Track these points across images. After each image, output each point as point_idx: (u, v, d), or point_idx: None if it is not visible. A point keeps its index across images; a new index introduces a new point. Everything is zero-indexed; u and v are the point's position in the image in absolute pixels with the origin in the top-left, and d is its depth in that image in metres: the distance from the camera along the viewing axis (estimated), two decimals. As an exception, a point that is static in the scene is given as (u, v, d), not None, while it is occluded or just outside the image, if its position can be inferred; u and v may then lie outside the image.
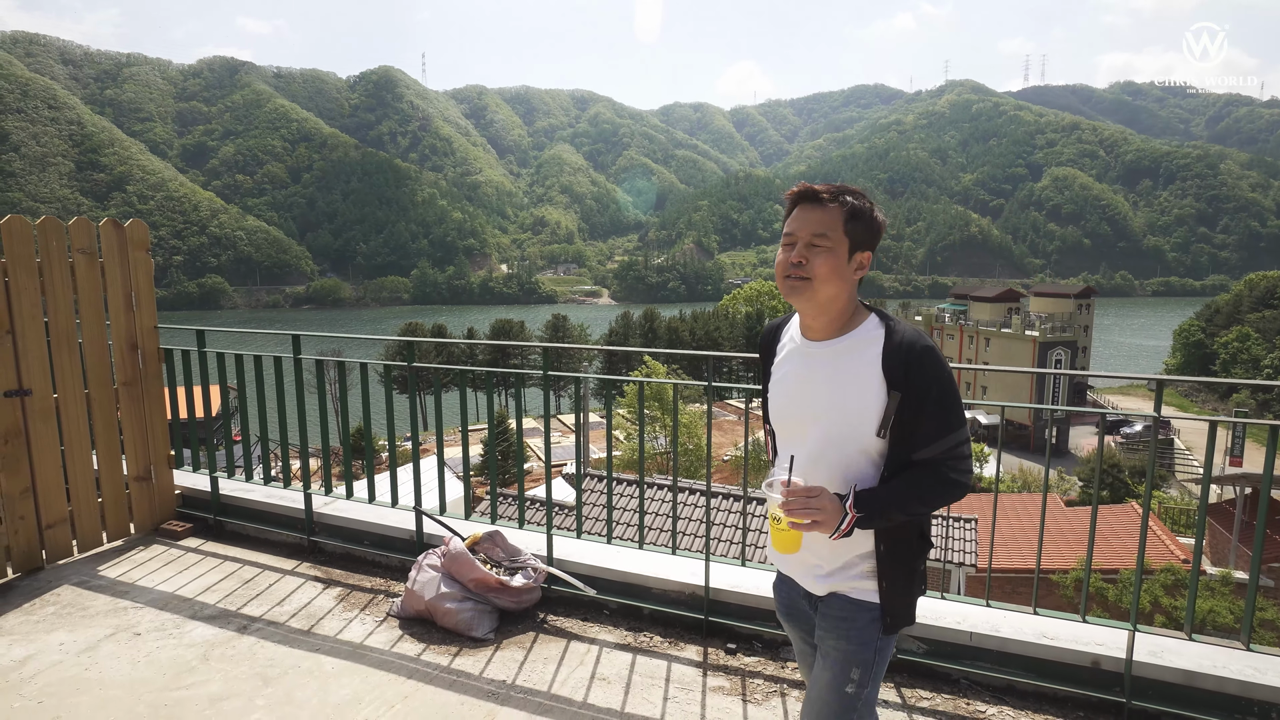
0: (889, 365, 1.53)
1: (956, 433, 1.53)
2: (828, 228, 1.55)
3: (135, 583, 3.65)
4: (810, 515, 1.49)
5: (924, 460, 1.54)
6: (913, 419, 1.53)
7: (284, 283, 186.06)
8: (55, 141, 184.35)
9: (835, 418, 1.58)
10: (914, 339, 1.53)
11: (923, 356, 1.51)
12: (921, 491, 1.53)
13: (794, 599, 1.78)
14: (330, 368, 4.13)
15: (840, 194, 1.56)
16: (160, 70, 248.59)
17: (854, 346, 1.59)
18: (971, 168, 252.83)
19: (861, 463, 1.58)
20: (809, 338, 1.65)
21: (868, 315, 1.63)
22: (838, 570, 1.65)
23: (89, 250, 3.86)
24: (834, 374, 1.59)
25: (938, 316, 58.74)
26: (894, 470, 1.56)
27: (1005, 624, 2.77)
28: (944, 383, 1.53)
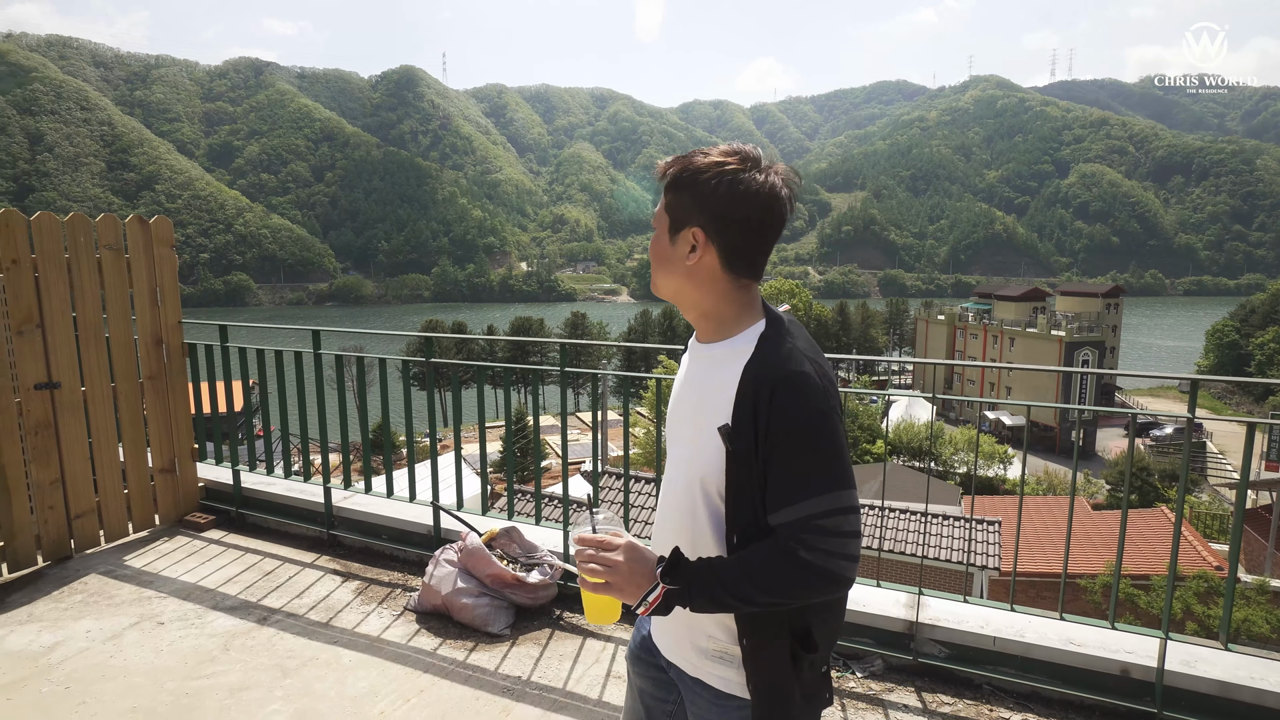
0: (741, 394, 1.13)
1: (820, 498, 1.08)
2: (659, 209, 1.27)
3: (159, 573, 3.71)
4: (602, 574, 1.15)
5: (776, 529, 1.12)
6: (762, 470, 1.12)
7: (308, 280, 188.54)
8: (87, 142, 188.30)
9: (692, 448, 1.22)
10: (779, 362, 1.12)
11: (778, 389, 1.09)
12: (761, 573, 1.09)
13: (650, 642, 1.40)
14: (350, 363, 4.15)
15: (669, 166, 1.24)
16: (187, 71, 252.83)
17: (725, 355, 1.21)
18: (996, 164, 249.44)
19: (709, 520, 1.20)
20: (697, 339, 1.33)
21: (756, 321, 1.23)
22: (686, 638, 1.27)
23: (115, 246, 3.91)
24: (699, 389, 1.25)
25: (961, 315, 58.07)
26: (743, 534, 1.15)
27: (1030, 629, 2.71)
28: (804, 427, 1.09)
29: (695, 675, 1.27)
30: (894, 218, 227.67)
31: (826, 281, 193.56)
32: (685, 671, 1.29)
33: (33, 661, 2.90)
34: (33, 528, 3.68)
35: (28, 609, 3.33)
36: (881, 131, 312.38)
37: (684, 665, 1.28)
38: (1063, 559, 2.72)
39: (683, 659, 1.28)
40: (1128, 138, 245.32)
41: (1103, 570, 13.07)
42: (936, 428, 31.56)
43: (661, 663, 1.36)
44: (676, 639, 1.30)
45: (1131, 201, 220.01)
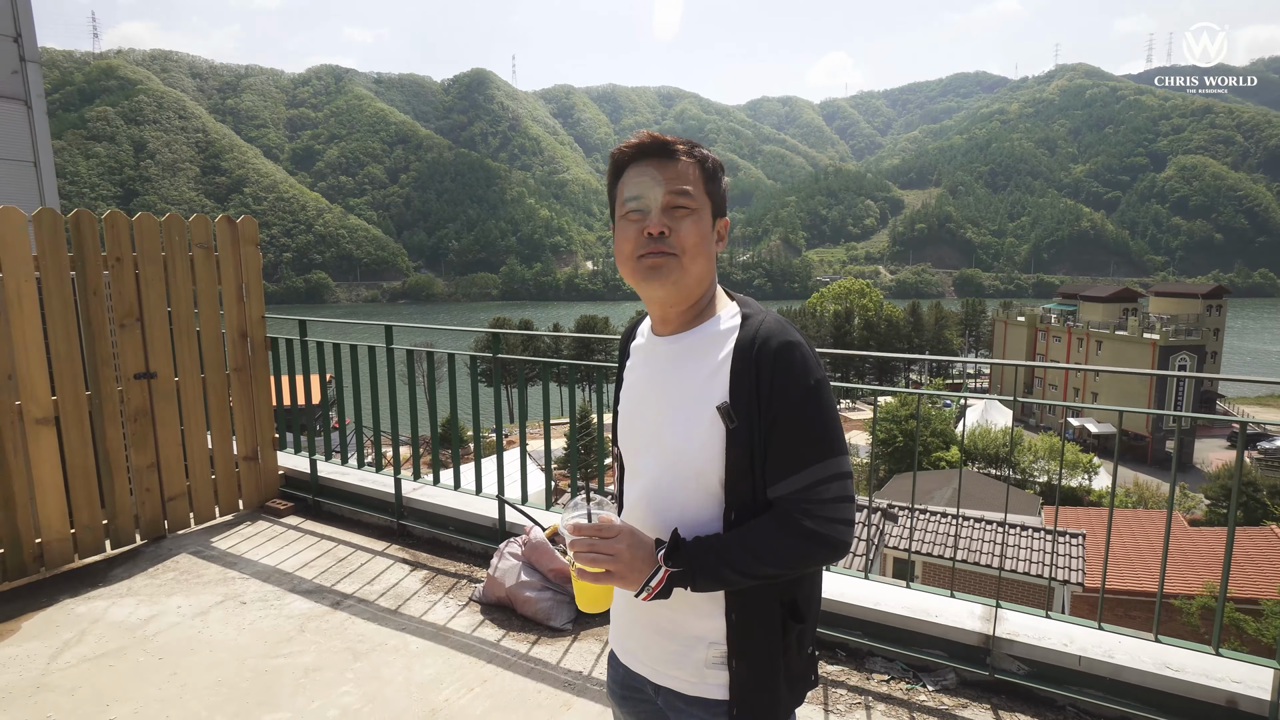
0: (738, 368, 1.13)
1: (820, 465, 1.10)
2: (688, 183, 1.17)
3: (242, 555, 3.89)
4: (603, 563, 1.09)
5: (776, 501, 1.13)
6: (763, 443, 1.12)
7: (382, 278, 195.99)
8: (184, 148, 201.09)
9: (677, 435, 1.17)
10: (772, 332, 1.13)
11: (779, 356, 1.10)
12: (761, 544, 1.09)
13: (633, 681, 1.33)
14: (421, 359, 4.26)
15: (693, 146, 1.20)
16: (274, 80, 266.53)
17: (703, 341, 1.19)
18: (1084, 158, 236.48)
19: (703, 500, 1.17)
20: (659, 333, 1.26)
21: (729, 303, 1.24)
22: (674, 653, 1.22)
23: (206, 245, 4.13)
24: (677, 378, 1.20)
25: (1043, 317, 55.33)
26: (742, 511, 1.14)
27: (1120, 650, 2.54)
28: (806, 394, 1.10)
29: (696, 694, 1.21)
30: (971, 215, 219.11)
31: (898, 281, 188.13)
32: (683, 693, 1.22)
33: (131, 633, 3.09)
34: (132, 508, 3.93)
35: (127, 583, 3.55)
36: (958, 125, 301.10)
37: (682, 687, 1.22)
38: (1158, 576, 2.53)
39: (679, 680, 1.22)
40: (1235, 126, 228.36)
41: (1201, 591, 12.19)
42: (1016, 434, 30.16)
43: (649, 693, 1.29)
44: (670, 661, 1.23)
45: (1238, 195, 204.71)
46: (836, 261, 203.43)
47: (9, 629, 3.13)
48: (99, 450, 3.76)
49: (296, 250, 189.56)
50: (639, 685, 1.31)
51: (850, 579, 3.08)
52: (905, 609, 2.83)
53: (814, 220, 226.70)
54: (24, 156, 4.78)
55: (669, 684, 1.24)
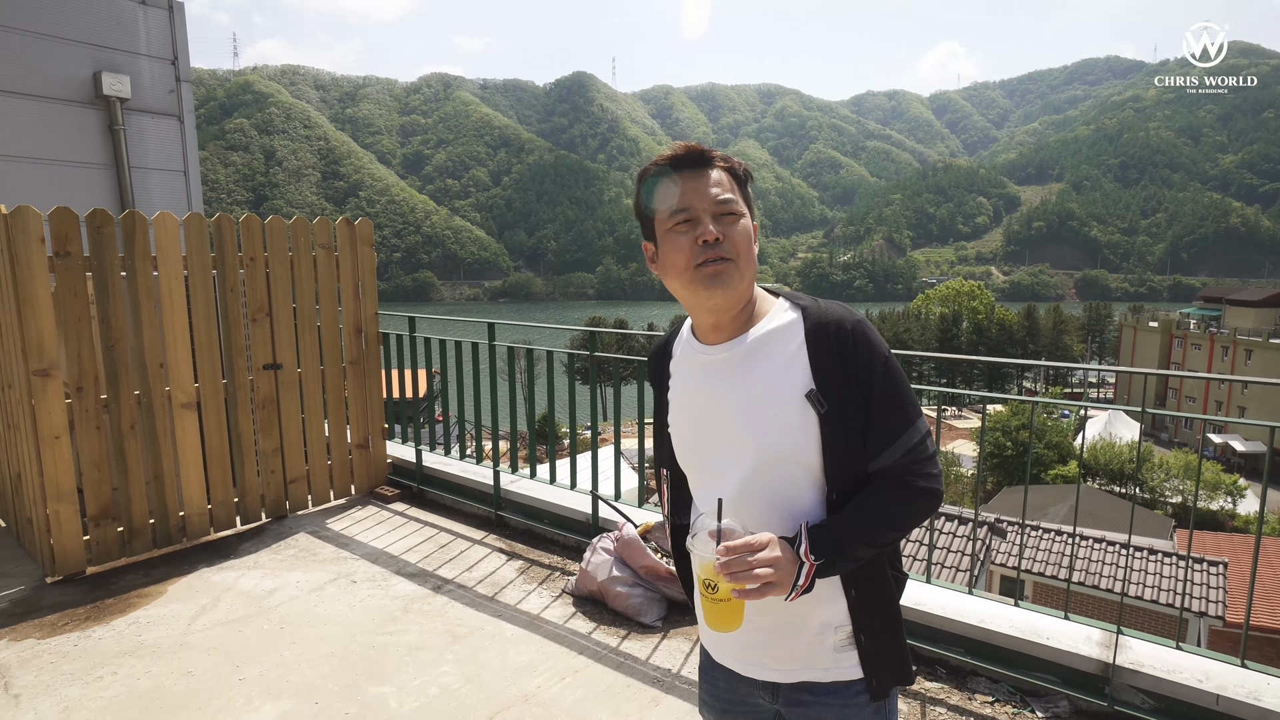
0: (817, 354, 1.16)
1: (912, 429, 1.16)
2: (728, 189, 1.18)
3: (354, 537, 4.16)
4: (760, 577, 1.06)
5: (882, 470, 1.17)
6: (860, 419, 1.15)
7: (483, 278, 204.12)
8: (308, 156, 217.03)
9: (766, 430, 1.17)
10: (841, 315, 1.17)
11: (856, 335, 1.15)
12: (889, 512, 1.15)
13: (741, 690, 1.31)
14: (520, 355, 4.40)
15: (725, 157, 1.21)
16: (388, 89, 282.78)
17: (768, 340, 1.20)
18: (1235, 147, 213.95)
19: (803, 489, 1.18)
20: (709, 342, 1.25)
21: (775, 301, 1.25)
22: (803, 647, 1.23)
23: (328, 245, 4.43)
24: (748, 379, 1.20)
25: (1180, 323, 50.56)
26: (842, 490, 1.17)
27: (1269, 692, 2.28)
28: (890, 365, 1.16)
29: (831, 679, 1.23)
30: (1097, 212, 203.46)
31: (1012, 283, 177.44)
32: (819, 682, 1.23)
33: (257, 602, 3.37)
34: (258, 488, 4.27)
35: (254, 557, 3.87)
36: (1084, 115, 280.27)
37: (816, 676, 1.23)
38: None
39: (813, 671, 1.23)
40: None
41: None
42: (1145, 449, 27.74)
43: (760, 700, 1.30)
44: (800, 656, 1.23)
45: None
46: (944, 262, 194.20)
47: (158, 590, 3.48)
48: (232, 434, 4.11)
49: (405, 250, 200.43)
50: (745, 695, 1.31)
51: (953, 593, 2.94)
52: (1013, 628, 2.67)
53: (920, 219, 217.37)
54: (176, 166, 5.29)
55: (802, 678, 1.24)
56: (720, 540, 1.09)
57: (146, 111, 5.11)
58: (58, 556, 3.53)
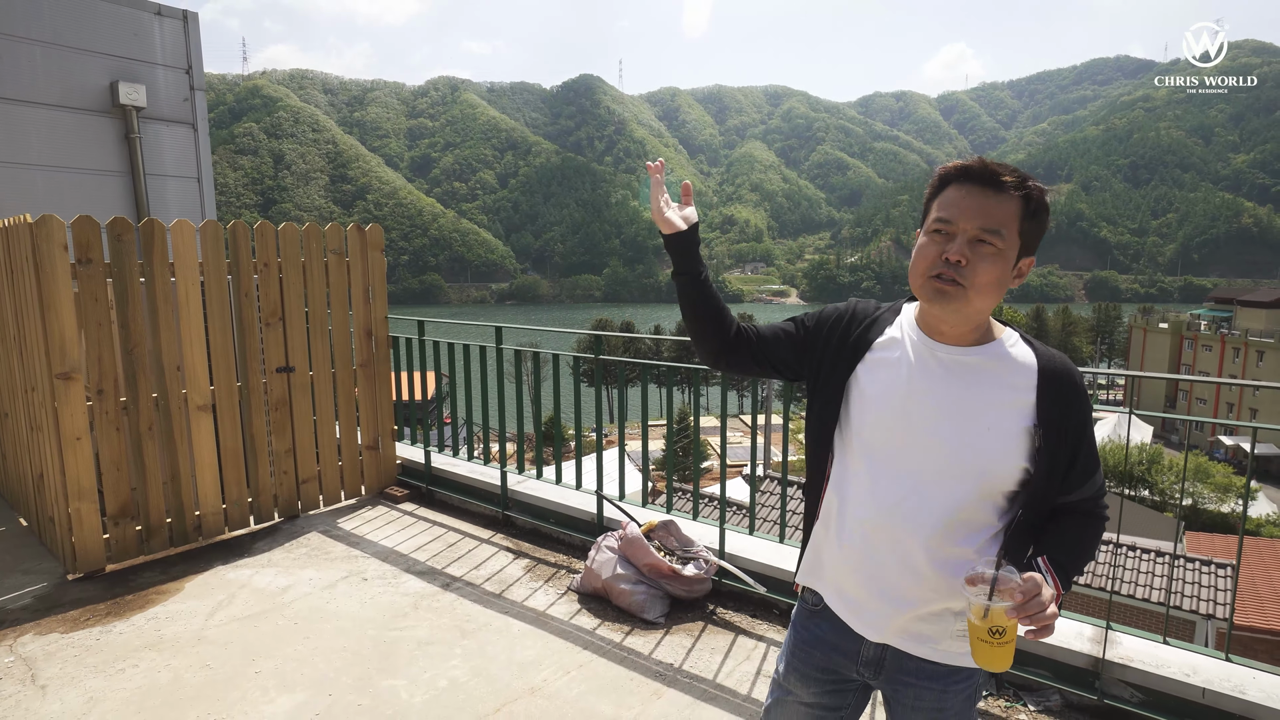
0: (1047, 395, 1.24)
1: (1099, 471, 1.32)
2: (1002, 224, 1.18)
3: (364, 536, 4.25)
4: (1050, 617, 1.11)
5: (1073, 504, 1.30)
6: (1070, 459, 1.26)
7: (490, 280, 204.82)
8: (316, 159, 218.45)
9: (971, 446, 1.23)
10: (1069, 366, 1.28)
11: (1080, 387, 1.27)
12: (1090, 542, 1.29)
13: (837, 661, 1.41)
14: (527, 358, 4.50)
15: (1024, 180, 1.20)
16: (396, 92, 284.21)
17: (1000, 363, 1.27)
18: (1247, 146, 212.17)
19: (986, 506, 1.26)
20: (937, 339, 1.29)
21: (1005, 329, 1.32)
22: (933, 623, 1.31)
23: (339, 250, 4.54)
24: (974, 391, 1.25)
25: (1190, 324, 50.23)
26: (1027, 517, 1.25)
27: (1254, 686, 2.35)
28: (1090, 419, 1.30)
29: (958, 664, 1.33)
30: (1106, 212, 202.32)
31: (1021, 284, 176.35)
32: (945, 664, 1.32)
33: (272, 599, 3.47)
34: (272, 488, 4.38)
35: (268, 555, 3.97)
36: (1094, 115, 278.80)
37: (949, 659, 1.32)
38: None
39: (948, 654, 1.32)
40: None
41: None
42: (1154, 451, 27.62)
43: (855, 674, 1.40)
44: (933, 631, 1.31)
45: None
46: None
47: (175, 588, 3.58)
48: (246, 435, 4.21)
49: (413, 253, 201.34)
50: (839, 666, 1.40)
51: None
52: (1007, 626, 2.73)
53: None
54: (190, 173, 5.42)
55: (925, 654, 1.32)
56: (995, 587, 1.13)
57: (161, 119, 5.24)
58: (79, 554, 3.64)
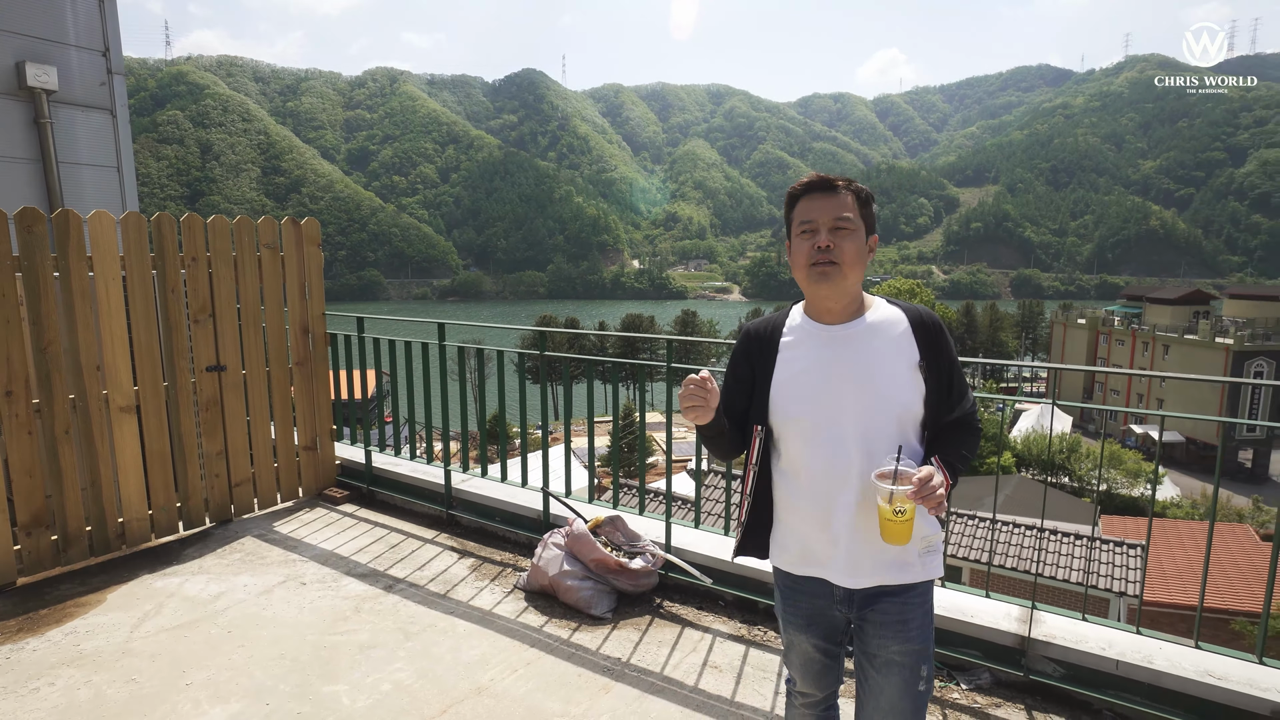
0: (922, 339, 1.62)
1: (969, 390, 1.71)
2: (847, 210, 1.59)
3: (302, 539, 4.12)
4: (941, 497, 1.46)
5: (956, 419, 1.66)
6: (948, 386, 1.64)
7: (432, 276, 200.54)
8: (246, 150, 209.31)
9: (884, 393, 1.59)
10: (930, 314, 1.65)
11: (943, 331, 1.65)
12: (971, 446, 1.65)
13: (820, 607, 1.72)
14: (470, 355, 4.43)
15: (850, 181, 1.62)
16: (331, 82, 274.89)
17: (882, 324, 1.64)
18: (1154, 153, 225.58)
19: (909, 433, 1.62)
20: (829, 322, 1.66)
21: (873, 299, 1.69)
22: (897, 553, 1.62)
23: (273, 245, 4.38)
24: (872, 352, 1.62)
25: (1105, 320, 53.15)
26: (930, 435, 1.64)
27: (1160, 656, 2.51)
28: (956, 350, 1.68)
29: (910, 581, 1.62)
30: (1030, 213, 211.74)
31: (952, 281, 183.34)
32: (900, 584, 1.62)
33: (203, 607, 3.33)
34: (202, 492, 4.20)
35: (199, 562, 3.81)
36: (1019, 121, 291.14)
37: (901, 578, 1.62)
38: (1222, 590, 2.50)
39: (896, 576, 1.62)
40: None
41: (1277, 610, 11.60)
42: (1073, 440, 29.15)
43: (836, 612, 1.69)
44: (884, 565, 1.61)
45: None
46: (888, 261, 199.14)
47: (97, 599, 3.40)
48: (174, 437, 4.03)
49: (350, 248, 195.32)
50: (824, 609, 1.71)
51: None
52: (940, 608, 2.85)
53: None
54: (109, 162, 5.12)
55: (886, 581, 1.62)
56: (897, 479, 1.49)
57: (75, 104, 4.94)
58: (-12, 566, 3.42)
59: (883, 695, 1.64)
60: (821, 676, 1.79)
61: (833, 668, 1.79)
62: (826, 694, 1.84)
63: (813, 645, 1.75)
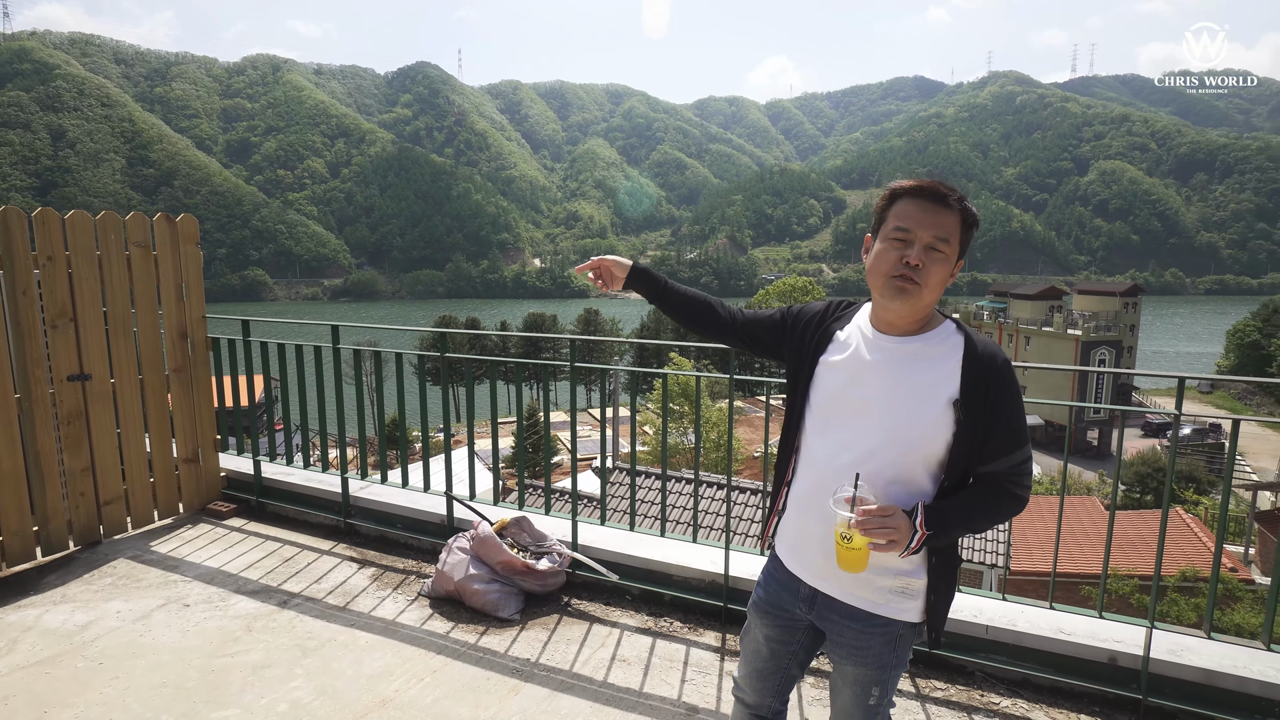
0: (970, 375, 1.46)
1: (1025, 448, 1.49)
2: (949, 233, 1.45)
3: (184, 558, 3.86)
4: (887, 536, 1.39)
5: (989, 475, 1.49)
6: (986, 433, 1.46)
7: (323, 275, 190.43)
8: (108, 138, 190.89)
9: (904, 419, 1.47)
10: (995, 351, 1.48)
11: (1003, 371, 1.47)
12: (987, 507, 1.48)
13: (785, 598, 1.68)
14: (367, 358, 4.29)
15: (962, 198, 1.47)
16: (206, 68, 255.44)
17: (934, 349, 1.50)
18: (1014, 162, 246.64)
19: (919, 472, 1.49)
20: (884, 331, 1.55)
21: (944, 321, 1.55)
22: (863, 579, 1.55)
23: (144, 243, 4.06)
24: (910, 373, 1.49)
25: (976, 314, 57.57)
26: (953, 482, 1.49)
27: (1022, 618, 2.79)
28: (1019, 398, 1.49)
29: (874, 611, 1.55)
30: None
31: (840, 279, 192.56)
32: (859, 608, 1.56)
33: (68, 639, 3.05)
34: (65, 513, 3.84)
35: (61, 590, 3.49)
36: (898, 128, 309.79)
37: (860, 603, 1.56)
38: (1083, 557, 2.80)
39: (858, 598, 1.56)
40: (1149, 134, 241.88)
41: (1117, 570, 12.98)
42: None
43: (798, 615, 1.66)
44: (853, 581, 1.55)
45: (1152, 199, 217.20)
46: (781, 260, 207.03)
47: (-62, 638, 3.05)
48: (29, 454, 3.67)
49: (232, 246, 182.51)
50: (787, 604, 1.67)
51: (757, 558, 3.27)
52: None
53: (760, 219, 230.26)
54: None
55: (844, 598, 1.57)
56: (855, 505, 1.42)
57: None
58: None
59: (839, 696, 1.68)
60: (763, 676, 1.75)
61: (774, 674, 1.74)
62: (757, 701, 1.78)
63: (764, 635, 1.73)
